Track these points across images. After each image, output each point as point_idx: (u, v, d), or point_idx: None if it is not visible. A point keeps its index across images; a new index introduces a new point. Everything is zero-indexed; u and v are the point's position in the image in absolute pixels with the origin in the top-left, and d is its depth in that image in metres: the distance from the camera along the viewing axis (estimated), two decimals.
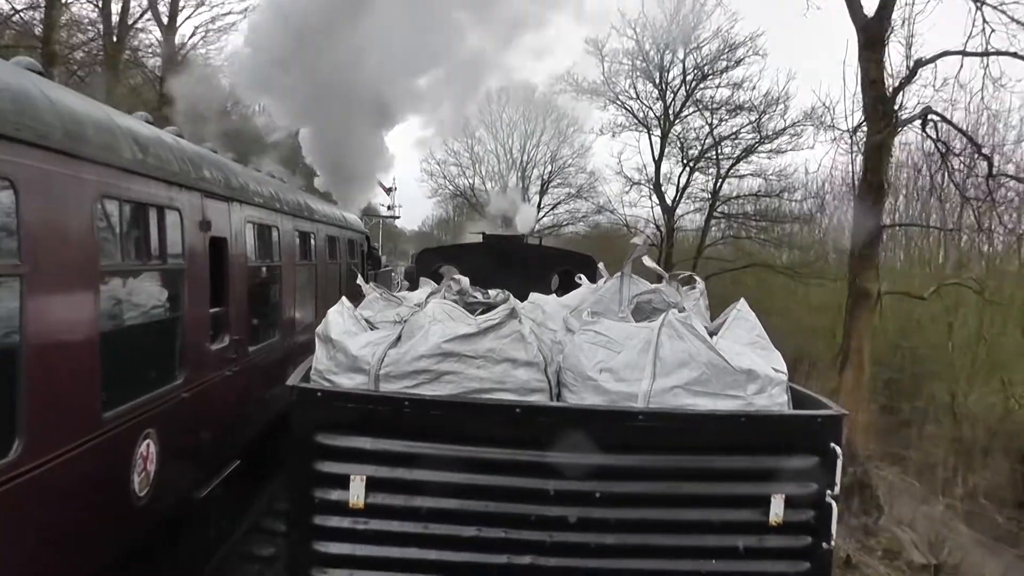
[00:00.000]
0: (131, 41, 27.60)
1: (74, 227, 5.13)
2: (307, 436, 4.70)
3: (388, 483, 4.70)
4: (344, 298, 5.73)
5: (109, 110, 6.22)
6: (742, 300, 5.77)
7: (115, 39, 25.57)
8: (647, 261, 6.39)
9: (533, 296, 7.34)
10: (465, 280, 6.19)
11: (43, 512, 4.79)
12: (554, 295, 7.72)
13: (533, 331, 5.36)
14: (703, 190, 33.89)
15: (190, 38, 29.04)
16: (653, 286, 6.20)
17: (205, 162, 7.90)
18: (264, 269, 10.14)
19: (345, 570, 4.71)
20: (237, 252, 8.59)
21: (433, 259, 11.10)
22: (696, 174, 33.63)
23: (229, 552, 9.08)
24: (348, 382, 5.06)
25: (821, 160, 79.84)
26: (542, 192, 50.65)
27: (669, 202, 33.39)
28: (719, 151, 32.72)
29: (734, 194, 33.59)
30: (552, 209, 50.67)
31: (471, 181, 50.88)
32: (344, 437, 4.70)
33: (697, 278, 6.64)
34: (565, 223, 50.02)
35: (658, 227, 33.25)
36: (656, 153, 33.69)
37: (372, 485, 4.67)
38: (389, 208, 57.02)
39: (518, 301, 5.98)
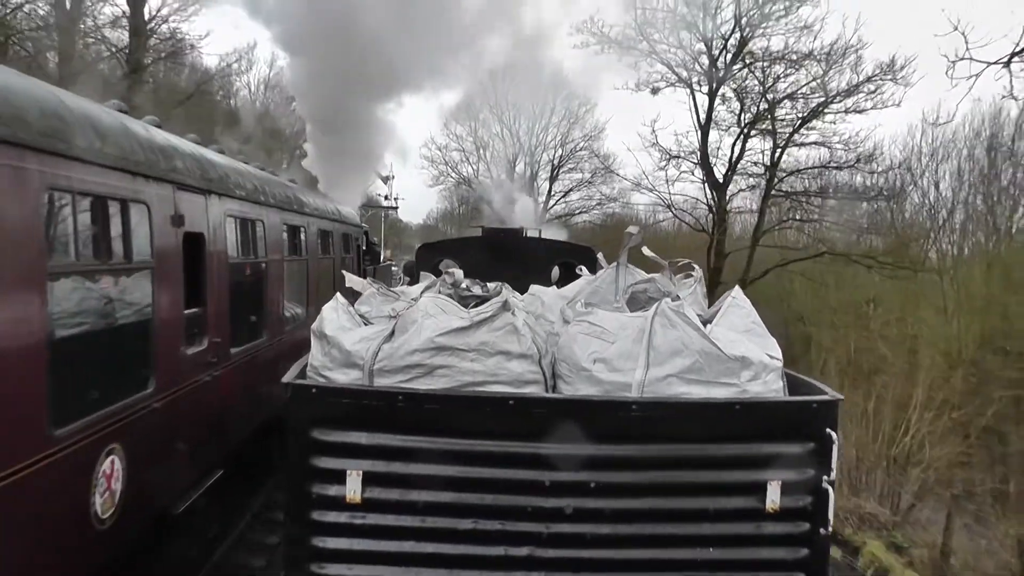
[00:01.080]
0: (89, 13, 24.48)
1: (14, 223, 4.63)
2: (303, 432, 4.72)
3: (384, 477, 4.72)
4: (339, 294, 5.75)
5: (60, 92, 5.70)
6: (737, 287, 5.75)
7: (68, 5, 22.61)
8: (647, 251, 6.39)
9: (533, 288, 7.35)
10: (460, 273, 6.20)
11: None
12: (554, 287, 7.73)
13: (528, 323, 5.36)
14: (754, 163, 26.93)
15: (159, 10, 26.21)
16: (649, 276, 6.20)
17: (178, 152, 7.37)
18: (248, 266, 9.59)
19: (343, 564, 4.74)
20: (216, 248, 8.10)
21: (433, 254, 11.11)
22: (751, 142, 26.54)
23: (216, 565, 8.76)
24: (343, 378, 5.08)
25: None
26: (552, 179, 47.50)
27: (719, 177, 26.64)
28: (773, 116, 25.67)
29: (798, 167, 26.83)
30: (564, 197, 47.65)
31: (475, 168, 47.75)
32: (340, 432, 4.73)
33: (695, 266, 6.62)
34: (577, 211, 46.78)
35: (710, 207, 26.74)
36: (702, 116, 26.35)
37: (368, 480, 4.69)
38: (386, 198, 54.40)
39: (513, 293, 5.99)
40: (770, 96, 25.44)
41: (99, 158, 5.62)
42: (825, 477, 4.85)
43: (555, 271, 10.48)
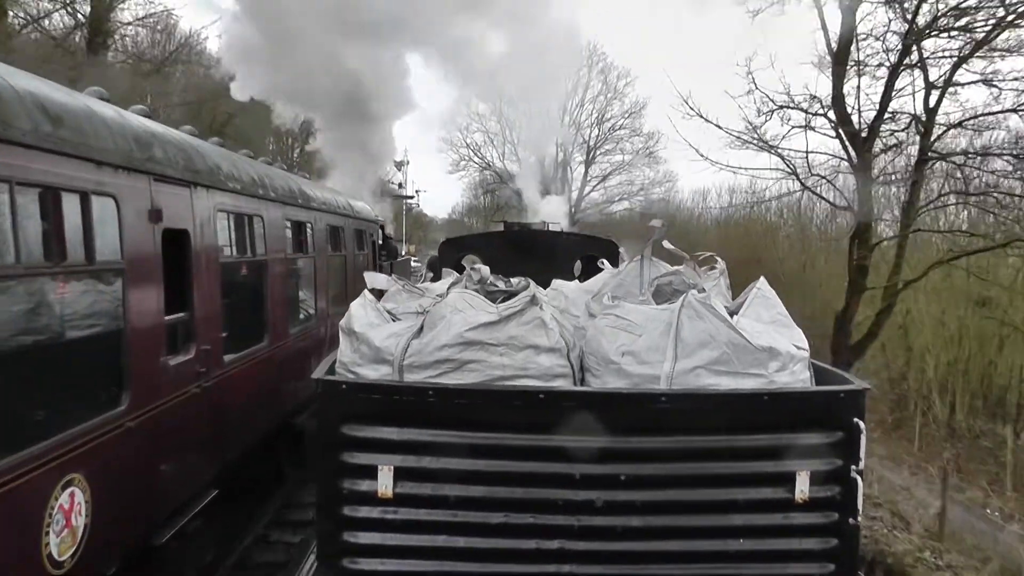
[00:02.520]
0: None
1: None
2: (334, 428, 4.76)
3: (415, 472, 4.75)
4: (366, 291, 5.78)
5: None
6: (762, 278, 5.76)
7: None
8: (667, 244, 6.40)
9: (555, 282, 7.38)
10: (485, 269, 6.23)
11: None
12: (577, 281, 7.74)
13: (555, 317, 5.39)
14: (892, 115, 16.79)
15: None
16: (673, 268, 6.21)
17: (158, 140, 6.66)
18: (244, 265, 8.92)
19: (376, 559, 4.78)
20: (204, 246, 7.43)
21: (455, 249, 11.16)
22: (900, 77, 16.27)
23: None
24: (372, 373, 5.12)
25: None
26: (587, 161, 42.87)
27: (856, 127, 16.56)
28: (941, 31, 16.00)
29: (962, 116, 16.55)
30: (602, 182, 43.20)
31: (501, 151, 43.24)
32: (370, 428, 4.76)
33: (718, 259, 6.62)
34: (617, 198, 42.60)
35: (850, 162, 16.82)
36: (837, 39, 16.45)
37: (400, 474, 4.73)
38: (400, 186, 49.64)
39: (539, 287, 6.01)
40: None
41: (52, 144, 4.99)
42: (853, 466, 4.85)
43: (577, 265, 10.49)
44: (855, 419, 4.86)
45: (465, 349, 4.94)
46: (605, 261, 8.00)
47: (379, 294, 6.17)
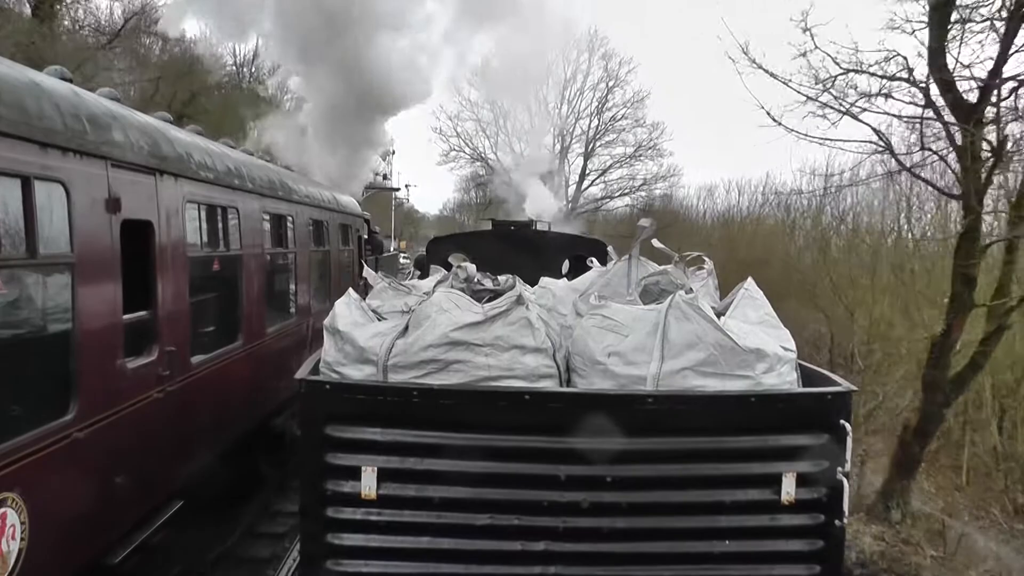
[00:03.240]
0: None
1: None
2: (317, 428, 4.73)
3: (400, 473, 4.72)
4: (351, 289, 5.74)
5: None
6: (749, 279, 5.74)
7: None
8: (656, 243, 6.38)
9: (543, 280, 7.35)
10: (472, 267, 6.19)
11: None
12: (564, 280, 7.71)
13: (541, 316, 5.36)
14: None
15: None
16: (661, 268, 6.18)
17: (118, 123, 6.06)
18: (217, 260, 8.35)
19: (359, 561, 4.75)
20: (171, 239, 6.85)
21: (444, 247, 11.11)
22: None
23: None
24: (357, 373, 5.08)
25: None
26: (587, 154, 40.23)
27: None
28: None
29: None
30: (601, 176, 40.54)
31: (493, 141, 40.28)
32: (354, 428, 4.73)
33: (706, 258, 6.61)
34: (617, 193, 40.08)
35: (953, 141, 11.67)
36: None
37: (384, 476, 4.70)
38: (386, 178, 46.80)
39: (526, 286, 5.98)
40: None
41: None
42: (840, 468, 4.85)
43: (565, 264, 10.47)
44: (842, 421, 4.85)
45: (450, 349, 4.90)
46: (594, 260, 7.98)
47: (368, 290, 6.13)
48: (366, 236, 17.85)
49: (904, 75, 12.05)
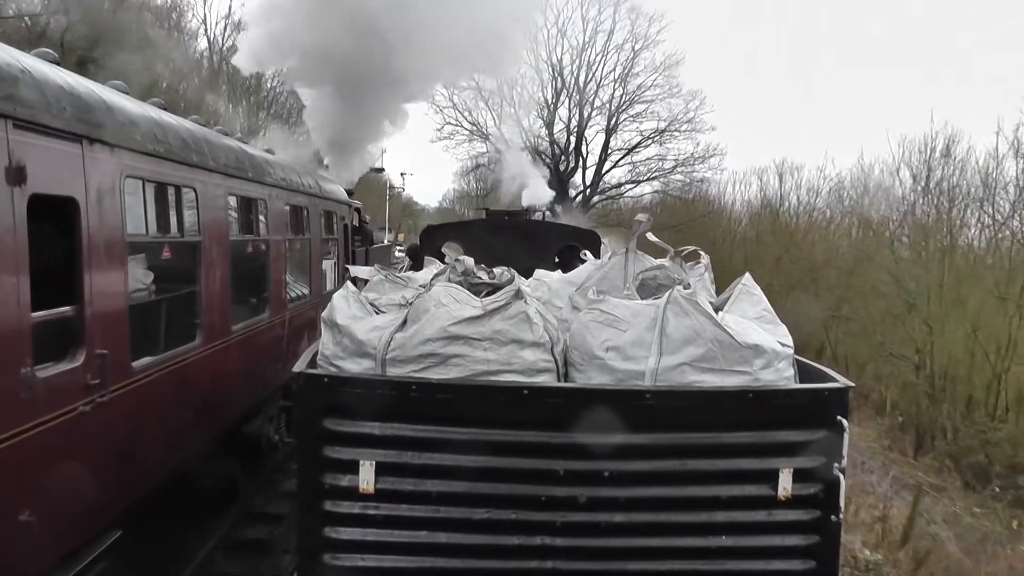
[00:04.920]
0: None
1: None
2: (315, 422, 4.71)
3: (397, 467, 4.71)
4: (348, 282, 5.71)
5: None
6: (747, 274, 5.75)
7: None
8: (651, 237, 6.37)
9: (538, 272, 7.35)
10: (470, 260, 6.18)
11: None
12: (558, 271, 7.71)
13: (539, 311, 5.36)
14: None
15: None
16: (658, 262, 6.18)
17: (28, 77, 5.05)
18: (167, 248, 7.31)
19: (356, 555, 4.74)
20: (104, 222, 5.79)
21: (437, 236, 11.09)
22: None
23: None
24: (355, 367, 5.06)
25: None
26: (609, 129, 33.49)
27: None
28: None
29: None
30: (627, 155, 33.80)
31: (497, 113, 34.45)
32: (352, 422, 4.71)
33: (702, 253, 6.61)
34: (645, 177, 33.45)
35: None
36: None
37: (381, 470, 4.69)
38: (381, 157, 45.84)
39: (523, 280, 5.97)
40: None
41: None
42: (836, 464, 4.86)
43: (559, 255, 10.48)
44: (839, 416, 4.87)
45: (449, 343, 4.89)
46: (587, 252, 7.97)
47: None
48: (356, 225, 17.17)
49: None
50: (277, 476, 11.26)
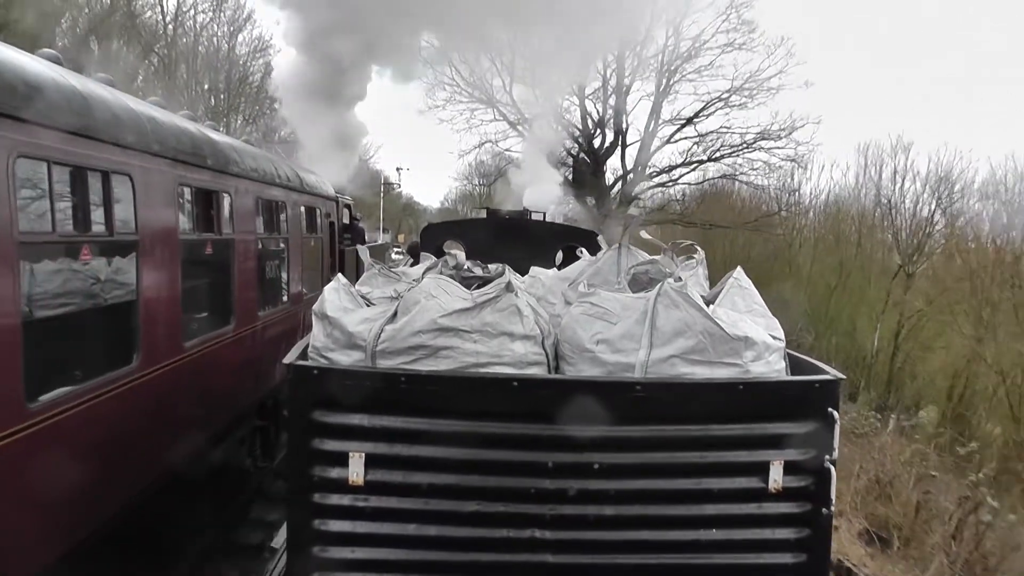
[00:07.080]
0: None
1: None
2: (304, 414, 4.71)
3: (387, 460, 4.70)
4: (340, 275, 5.71)
5: None
6: (739, 268, 5.74)
7: None
8: (644, 234, 6.37)
9: (533, 270, 7.36)
10: (462, 254, 6.19)
11: None
12: (554, 270, 7.72)
13: (531, 304, 5.35)
14: None
15: None
16: (650, 257, 6.18)
17: None
18: (85, 248, 5.84)
19: (346, 547, 4.73)
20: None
21: (437, 235, 11.12)
22: None
23: None
24: (345, 359, 5.06)
25: None
26: (658, 95, 25.42)
27: None
28: None
29: None
30: (687, 125, 25.47)
31: (506, 78, 26.81)
32: (342, 414, 4.70)
33: (698, 248, 6.61)
34: (711, 156, 25.65)
35: None
36: None
37: (371, 462, 4.68)
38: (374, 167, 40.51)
39: (515, 274, 5.97)
40: None
41: None
42: (827, 456, 4.86)
43: (558, 256, 10.50)
44: (829, 409, 4.86)
45: (439, 335, 4.89)
46: (584, 249, 7.98)
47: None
48: (346, 223, 16.18)
49: None
50: (251, 506, 10.47)
